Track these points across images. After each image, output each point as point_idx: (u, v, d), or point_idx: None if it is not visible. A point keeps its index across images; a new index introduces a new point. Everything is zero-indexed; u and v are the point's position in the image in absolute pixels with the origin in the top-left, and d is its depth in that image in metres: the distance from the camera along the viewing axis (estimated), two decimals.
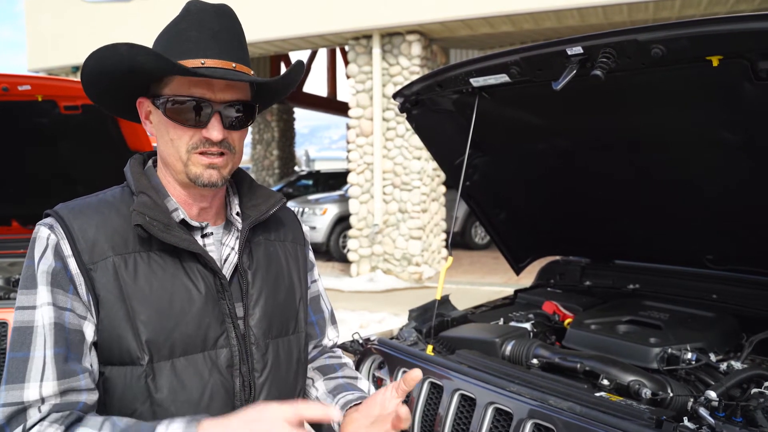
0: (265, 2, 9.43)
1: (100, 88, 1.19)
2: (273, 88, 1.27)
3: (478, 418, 1.73)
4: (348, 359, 1.52)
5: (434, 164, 9.51)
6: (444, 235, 10.21)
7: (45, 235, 1.11)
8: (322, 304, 1.53)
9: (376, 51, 9.12)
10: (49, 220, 1.13)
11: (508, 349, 2.06)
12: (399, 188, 9.32)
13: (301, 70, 1.23)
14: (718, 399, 1.54)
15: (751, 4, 7.79)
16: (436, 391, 1.91)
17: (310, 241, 1.50)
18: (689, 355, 1.87)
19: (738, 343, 2.10)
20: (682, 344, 1.93)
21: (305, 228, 1.48)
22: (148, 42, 1.15)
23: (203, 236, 1.23)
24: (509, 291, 3.03)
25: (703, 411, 1.50)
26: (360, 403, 1.27)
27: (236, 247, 1.25)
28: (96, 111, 3.21)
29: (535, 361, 1.98)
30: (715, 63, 1.54)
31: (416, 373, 1.15)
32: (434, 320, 2.37)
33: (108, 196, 1.21)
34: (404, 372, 2.05)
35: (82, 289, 1.09)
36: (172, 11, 1.16)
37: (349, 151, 9.83)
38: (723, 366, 1.86)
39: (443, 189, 10.12)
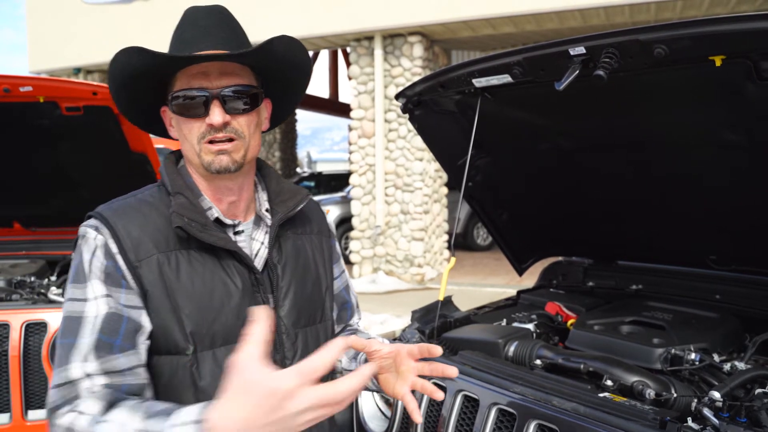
0: (266, 4, 9.45)
1: (126, 104, 1.27)
2: (278, 71, 1.28)
3: (482, 419, 1.73)
4: (365, 331, 1.61)
5: (436, 165, 9.51)
6: (446, 237, 10.20)
7: (92, 236, 1.16)
8: (351, 291, 1.62)
9: (378, 52, 9.12)
10: (93, 221, 1.18)
11: (512, 350, 2.06)
12: (401, 189, 9.32)
13: (286, 42, 1.22)
14: (722, 399, 1.54)
15: (753, 4, 7.79)
16: None
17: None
18: (693, 356, 1.86)
19: (741, 344, 2.10)
20: (685, 345, 1.93)
21: (329, 219, 1.55)
22: (150, 42, 1.17)
23: (235, 233, 1.29)
24: (511, 292, 3.03)
25: (707, 411, 1.49)
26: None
27: (266, 242, 1.31)
28: (98, 112, 3.21)
29: (538, 361, 1.98)
30: (718, 63, 1.54)
31: (452, 370, 1.21)
32: (437, 321, 2.36)
33: (146, 195, 1.26)
34: None
35: (132, 283, 1.15)
36: (172, 12, 1.20)
37: (350, 153, 9.83)
38: (727, 366, 1.85)
39: (445, 190, 10.12)
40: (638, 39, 1.56)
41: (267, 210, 1.35)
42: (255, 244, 1.31)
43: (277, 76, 1.30)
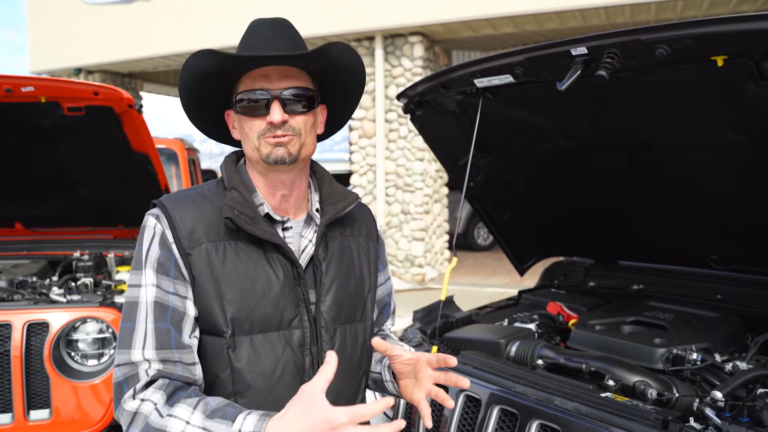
0: (266, 4, 9.44)
1: (194, 107, 1.38)
2: (334, 76, 1.38)
3: (484, 419, 1.73)
4: (393, 336, 1.68)
5: (437, 165, 9.51)
6: (447, 237, 10.20)
7: (152, 224, 1.29)
8: (393, 297, 1.69)
9: (379, 52, 9.12)
10: (155, 210, 1.31)
11: (513, 349, 2.06)
12: (402, 190, 9.32)
13: (341, 48, 1.32)
14: (723, 399, 1.54)
15: (753, 5, 7.78)
16: None
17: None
18: (694, 356, 1.86)
19: (743, 344, 2.10)
20: (687, 345, 1.93)
21: (378, 226, 1.59)
22: (151, 42, 1.18)
23: (284, 229, 1.38)
24: (513, 292, 3.03)
25: (709, 411, 1.50)
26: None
27: (313, 240, 1.39)
28: (99, 112, 3.21)
29: (540, 361, 1.98)
30: (720, 63, 1.54)
31: (464, 382, 1.31)
32: (439, 321, 2.37)
33: (205, 189, 1.38)
34: None
35: (183, 270, 1.26)
36: (173, 13, 1.20)
37: (351, 153, 9.83)
38: (728, 366, 1.86)
39: (446, 190, 10.12)
40: (640, 39, 1.56)
41: (317, 210, 1.43)
42: (303, 241, 1.39)
43: (333, 82, 1.39)
